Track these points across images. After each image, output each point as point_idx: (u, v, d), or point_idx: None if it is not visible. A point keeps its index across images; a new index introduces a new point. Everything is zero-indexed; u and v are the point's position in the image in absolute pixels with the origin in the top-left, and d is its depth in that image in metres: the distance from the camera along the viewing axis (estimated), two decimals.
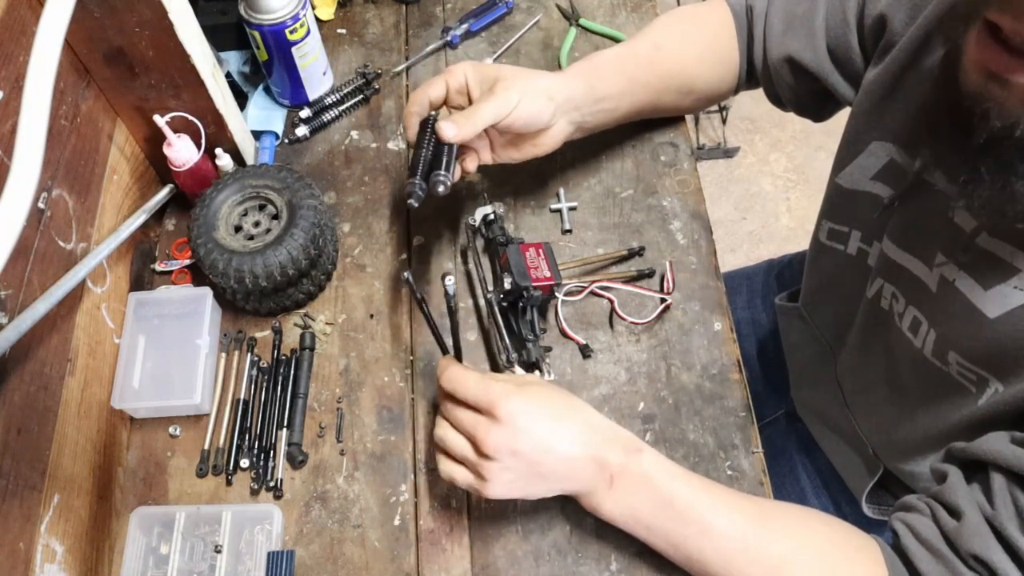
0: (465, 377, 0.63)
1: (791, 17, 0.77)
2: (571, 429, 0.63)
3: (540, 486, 0.63)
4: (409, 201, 0.68)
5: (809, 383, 0.94)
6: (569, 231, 0.87)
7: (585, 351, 0.80)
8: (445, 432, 0.64)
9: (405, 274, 0.65)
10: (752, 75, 0.85)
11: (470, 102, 0.73)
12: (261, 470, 0.75)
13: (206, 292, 0.80)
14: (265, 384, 0.79)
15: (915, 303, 0.67)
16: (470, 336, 0.81)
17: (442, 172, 0.69)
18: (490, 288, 0.81)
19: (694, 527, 0.62)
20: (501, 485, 0.61)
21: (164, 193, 0.87)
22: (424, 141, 0.72)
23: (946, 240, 0.62)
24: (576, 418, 0.64)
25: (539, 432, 0.61)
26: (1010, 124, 0.49)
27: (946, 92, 0.54)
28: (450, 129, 0.67)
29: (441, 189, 0.69)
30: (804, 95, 0.81)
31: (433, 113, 0.74)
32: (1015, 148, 0.50)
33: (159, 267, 0.86)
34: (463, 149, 0.74)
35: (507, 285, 0.75)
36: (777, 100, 0.85)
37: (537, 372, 0.73)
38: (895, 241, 0.68)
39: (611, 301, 0.82)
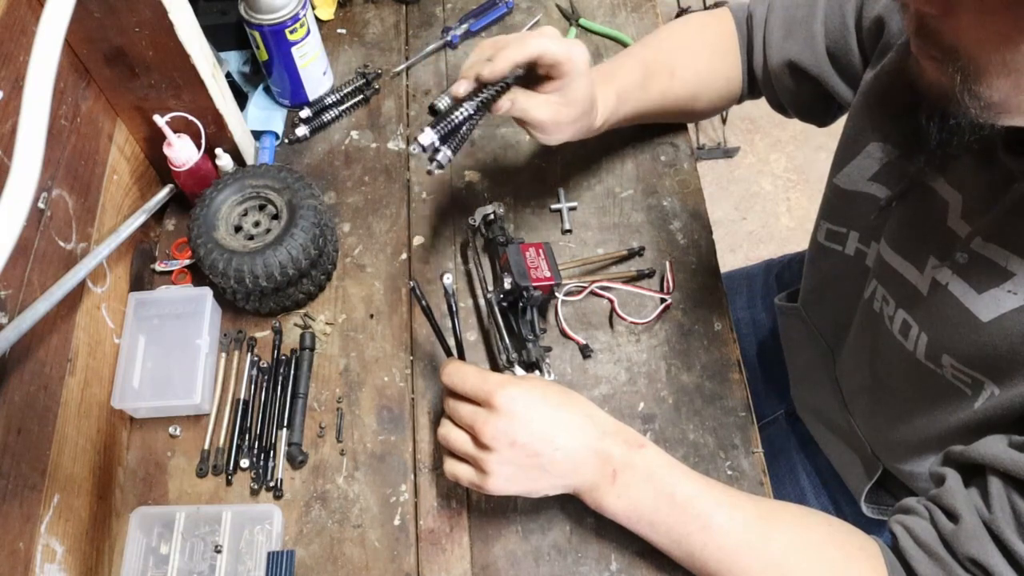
0: (464, 371, 0.64)
1: (791, 22, 0.78)
2: (571, 420, 0.63)
3: (542, 481, 0.63)
4: (427, 158, 0.64)
5: (809, 383, 0.94)
6: (569, 231, 0.87)
7: (585, 351, 0.80)
8: (448, 430, 0.65)
9: (411, 282, 0.65)
10: (754, 85, 0.86)
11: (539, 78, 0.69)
12: (261, 470, 0.75)
13: (206, 292, 0.80)
14: (265, 384, 0.79)
15: (905, 306, 0.67)
16: (470, 336, 0.81)
17: (447, 149, 0.65)
18: (490, 288, 0.81)
19: (696, 523, 0.62)
20: (502, 479, 0.62)
21: (164, 193, 0.87)
22: (471, 106, 0.65)
23: (940, 244, 0.62)
24: (576, 410, 0.64)
25: (538, 422, 0.61)
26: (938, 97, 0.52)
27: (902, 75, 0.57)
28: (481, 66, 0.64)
29: (436, 165, 0.65)
30: (806, 99, 0.81)
31: (508, 81, 0.66)
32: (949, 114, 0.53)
33: (159, 267, 0.86)
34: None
35: (507, 285, 0.75)
36: (780, 107, 0.85)
37: (537, 372, 0.73)
38: (890, 243, 0.69)
39: (611, 301, 0.82)
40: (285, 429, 0.76)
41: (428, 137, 0.64)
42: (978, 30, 0.45)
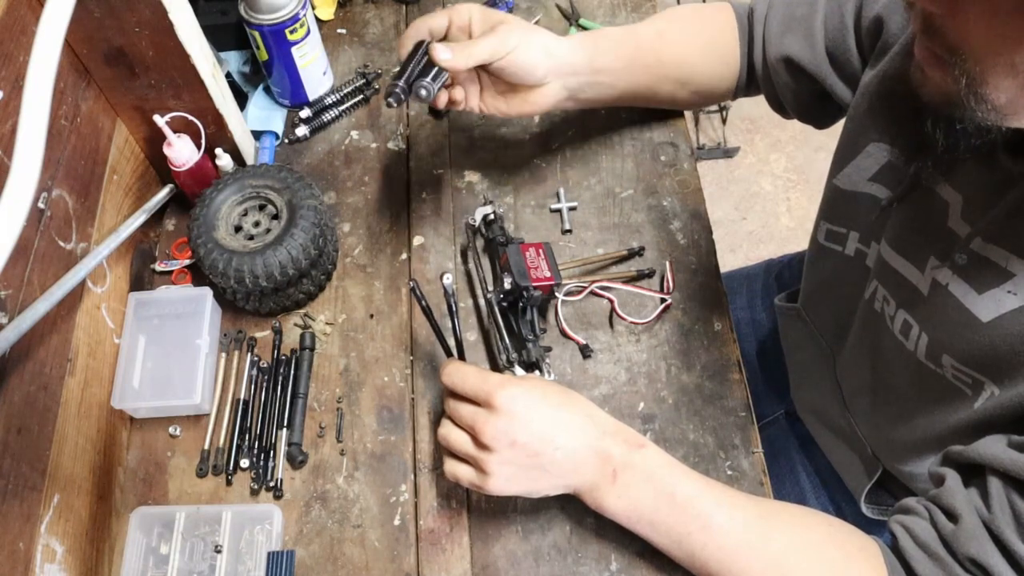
0: (464, 371, 0.64)
1: (790, 19, 0.78)
2: (571, 420, 0.63)
3: (542, 481, 0.63)
4: (388, 99, 0.67)
5: (809, 383, 0.94)
6: (569, 231, 0.87)
7: (585, 351, 0.80)
8: (448, 430, 0.65)
9: (411, 282, 0.65)
10: (752, 79, 0.85)
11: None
12: (261, 470, 0.75)
13: (206, 292, 0.80)
14: (265, 384, 0.79)
15: (905, 306, 0.67)
16: (470, 336, 0.81)
17: (427, 80, 0.68)
18: (490, 288, 0.81)
19: (697, 523, 0.62)
20: (502, 479, 0.62)
21: (164, 193, 0.87)
22: (415, 58, 0.70)
23: (940, 244, 0.62)
24: (576, 410, 0.64)
25: (538, 422, 0.61)
26: (941, 106, 0.52)
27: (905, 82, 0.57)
28: (445, 52, 0.67)
29: (424, 93, 0.68)
30: (804, 96, 0.81)
31: (428, 39, 0.72)
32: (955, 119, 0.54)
33: (159, 267, 0.86)
34: (454, 82, 0.75)
35: (507, 285, 0.75)
36: (779, 105, 0.85)
37: (537, 372, 0.73)
38: (890, 244, 0.69)
39: (611, 301, 0.82)
40: (285, 429, 0.76)
41: (396, 86, 0.67)
42: (986, 31, 0.45)
